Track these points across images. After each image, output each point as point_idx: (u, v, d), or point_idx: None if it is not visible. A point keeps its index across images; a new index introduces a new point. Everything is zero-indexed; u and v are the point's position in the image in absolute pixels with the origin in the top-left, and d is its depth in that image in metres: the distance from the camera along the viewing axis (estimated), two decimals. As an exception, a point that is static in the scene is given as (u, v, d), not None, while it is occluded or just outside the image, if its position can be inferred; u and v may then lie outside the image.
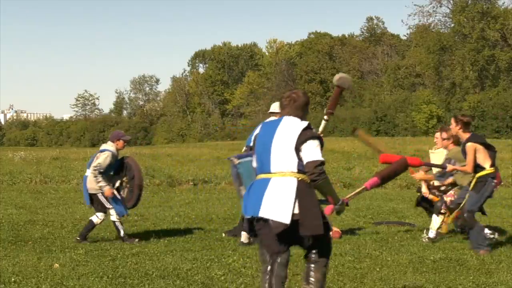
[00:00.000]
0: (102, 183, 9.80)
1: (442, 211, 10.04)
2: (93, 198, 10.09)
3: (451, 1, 71.86)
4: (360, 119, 68.33)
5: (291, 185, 5.32)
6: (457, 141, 10.08)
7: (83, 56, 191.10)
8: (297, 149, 5.37)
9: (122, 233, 10.02)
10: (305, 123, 5.47)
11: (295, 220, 5.33)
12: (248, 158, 6.39)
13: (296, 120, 5.52)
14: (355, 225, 12.15)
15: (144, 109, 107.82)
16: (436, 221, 10.09)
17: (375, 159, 10.32)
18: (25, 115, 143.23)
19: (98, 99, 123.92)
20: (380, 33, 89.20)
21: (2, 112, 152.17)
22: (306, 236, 5.56)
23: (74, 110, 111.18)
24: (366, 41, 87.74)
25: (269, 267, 5.47)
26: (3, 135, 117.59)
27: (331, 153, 34.69)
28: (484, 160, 9.17)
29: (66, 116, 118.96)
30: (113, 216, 10.02)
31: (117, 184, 10.11)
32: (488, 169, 9.15)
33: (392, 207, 15.21)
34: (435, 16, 75.72)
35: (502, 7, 70.19)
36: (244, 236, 9.45)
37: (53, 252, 8.88)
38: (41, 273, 7.36)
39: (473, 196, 9.08)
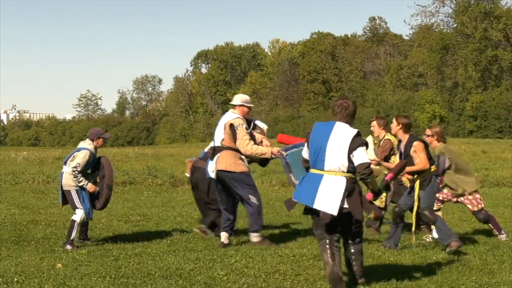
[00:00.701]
0: (83, 182, 9.69)
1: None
2: (66, 196, 9.90)
3: (454, 1, 71.83)
4: (363, 119, 68.24)
5: (341, 183, 6.57)
6: (441, 138, 10.07)
7: (86, 56, 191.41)
8: (349, 153, 6.57)
9: (72, 236, 9.56)
10: (355, 131, 6.66)
11: (344, 212, 6.60)
12: (294, 150, 9.20)
13: (347, 126, 6.71)
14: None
15: (147, 109, 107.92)
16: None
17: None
18: (27, 115, 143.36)
19: (101, 99, 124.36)
20: (382, 33, 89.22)
21: (5, 112, 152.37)
22: (353, 221, 6.79)
23: (77, 110, 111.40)
24: (368, 41, 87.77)
25: (327, 241, 6.69)
26: (5, 135, 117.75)
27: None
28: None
29: (68, 116, 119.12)
30: (76, 216, 9.71)
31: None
32: (432, 167, 9.19)
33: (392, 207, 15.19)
34: (438, 16, 75.71)
35: (505, 7, 70.21)
36: (224, 237, 9.39)
37: (56, 252, 8.88)
38: (44, 273, 7.36)
39: (423, 195, 9.17)
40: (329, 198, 6.52)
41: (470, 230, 11.58)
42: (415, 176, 9.25)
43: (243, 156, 9.42)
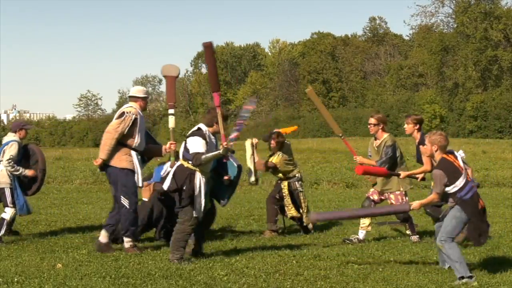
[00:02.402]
0: (21, 170, 10.01)
1: None
2: None
3: (454, 1, 71.81)
4: (363, 119, 68.23)
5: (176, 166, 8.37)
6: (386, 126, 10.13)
7: (86, 56, 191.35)
8: (185, 143, 8.31)
9: (1, 233, 9.83)
10: (196, 127, 8.35)
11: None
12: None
13: (200, 125, 8.46)
14: (356, 225, 12.14)
15: (147, 109, 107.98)
16: (363, 220, 10.18)
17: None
18: (28, 115, 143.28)
19: (101, 99, 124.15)
20: (382, 33, 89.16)
21: (5, 112, 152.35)
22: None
23: (77, 110, 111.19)
24: (368, 41, 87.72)
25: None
26: (5, 135, 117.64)
27: (334, 153, 34.70)
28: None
29: (69, 116, 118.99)
30: (6, 215, 9.96)
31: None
32: None
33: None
34: (438, 16, 75.57)
35: (505, 7, 70.16)
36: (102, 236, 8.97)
37: (56, 252, 8.88)
38: (44, 273, 7.36)
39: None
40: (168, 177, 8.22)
41: (470, 230, 11.57)
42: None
43: (133, 152, 8.94)
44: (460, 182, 7.34)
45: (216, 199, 9.22)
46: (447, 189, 7.35)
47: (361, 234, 10.08)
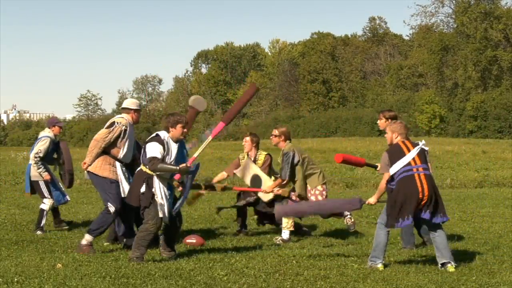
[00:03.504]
0: (42, 169, 10.70)
1: None
2: (34, 186, 10.93)
3: (454, 1, 71.82)
4: (363, 119, 68.35)
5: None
6: (288, 137, 10.15)
7: (86, 56, 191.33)
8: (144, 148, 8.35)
9: (42, 223, 10.75)
10: (154, 134, 8.43)
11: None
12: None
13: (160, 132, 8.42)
14: (357, 225, 12.14)
15: (147, 109, 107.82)
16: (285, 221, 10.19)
17: (378, 159, 10.29)
18: (28, 115, 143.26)
19: (101, 99, 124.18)
20: (382, 33, 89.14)
21: (5, 112, 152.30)
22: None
23: (77, 110, 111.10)
24: (368, 41, 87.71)
25: None
26: (6, 135, 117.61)
27: (334, 153, 34.65)
28: None
29: (68, 116, 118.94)
30: (45, 205, 10.84)
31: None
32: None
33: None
34: (438, 16, 75.59)
35: (505, 7, 70.16)
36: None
37: (56, 252, 8.88)
38: (44, 273, 7.36)
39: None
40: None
41: (470, 230, 11.59)
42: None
43: (117, 164, 8.97)
44: (397, 166, 7.72)
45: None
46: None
47: (285, 235, 10.10)
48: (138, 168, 8.35)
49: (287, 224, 10.05)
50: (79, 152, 38.05)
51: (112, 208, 8.81)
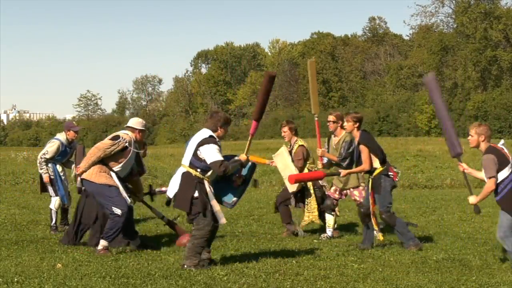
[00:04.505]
0: (43, 170, 10.97)
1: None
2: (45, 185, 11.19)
3: (454, 1, 71.82)
4: (363, 119, 68.27)
5: (182, 174, 7.98)
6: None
7: (86, 56, 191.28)
8: (196, 150, 7.90)
9: (53, 222, 10.99)
10: (208, 133, 7.89)
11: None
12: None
13: (206, 130, 7.98)
14: (358, 224, 12.15)
15: (147, 109, 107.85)
16: (329, 219, 10.33)
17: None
18: (27, 115, 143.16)
19: (101, 99, 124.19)
20: (382, 33, 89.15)
21: (5, 112, 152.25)
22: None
23: (77, 110, 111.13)
24: (368, 41, 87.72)
25: None
26: (6, 135, 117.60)
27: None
28: (374, 159, 9.17)
29: (68, 116, 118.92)
30: (52, 205, 11.05)
31: (73, 168, 10.91)
32: (379, 168, 9.13)
33: (395, 207, 15.20)
34: (438, 16, 75.57)
35: (505, 7, 70.15)
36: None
37: (56, 252, 8.88)
38: (44, 273, 7.36)
39: (378, 197, 9.17)
40: (172, 184, 7.97)
41: (470, 230, 11.60)
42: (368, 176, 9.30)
43: (112, 173, 8.89)
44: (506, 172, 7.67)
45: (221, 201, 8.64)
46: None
47: (329, 232, 10.31)
48: (184, 171, 7.90)
49: (332, 223, 10.25)
50: (79, 152, 38.00)
51: (118, 211, 8.74)
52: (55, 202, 11.06)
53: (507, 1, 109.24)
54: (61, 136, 11.16)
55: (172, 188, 7.98)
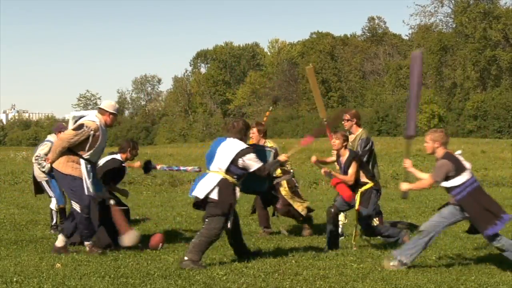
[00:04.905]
0: (47, 166, 10.71)
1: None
2: (39, 186, 11.25)
3: (453, 1, 71.83)
4: (362, 119, 68.08)
5: (216, 178, 8.14)
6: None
7: (85, 56, 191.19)
8: (235, 159, 8.13)
9: (54, 222, 11.09)
10: (244, 146, 8.21)
11: (209, 202, 8.12)
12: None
13: (237, 141, 8.25)
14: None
15: (146, 109, 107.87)
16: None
17: (377, 159, 10.33)
18: (27, 115, 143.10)
19: (100, 99, 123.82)
20: (381, 33, 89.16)
21: (4, 112, 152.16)
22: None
23: (76, 110, 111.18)
24: (368, 41, 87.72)
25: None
26: (5, 135, 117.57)
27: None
28: (362, 175, 9.19)
29: (68, 116, 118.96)
30: (52, 205, 11.14)
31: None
32: (369, 183, 9.20)
33: (394, 207, 15.22)
34: (437, 16, 75.62)
35: (504, 7, 70.18)
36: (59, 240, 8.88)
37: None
38: (43, 273, 7.36)
39: (364, 211, 9.17)
40: (202, 186, 8.08)
41: (469, 230, 11.57)
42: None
43: (82, 160, 8.68)
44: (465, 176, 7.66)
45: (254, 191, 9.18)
46: (446, 183, 7.66)
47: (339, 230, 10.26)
48: (221, 178, 8.05)
49: (342, 219, 10.26)
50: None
51: (77, 207, 8.61)
52: (54, 202, 11.10)
53: (506, 1, 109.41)
54: (53, 138, 11.08)
55: (202, 191, 8.07)
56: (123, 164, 9.96)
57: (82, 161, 8.70)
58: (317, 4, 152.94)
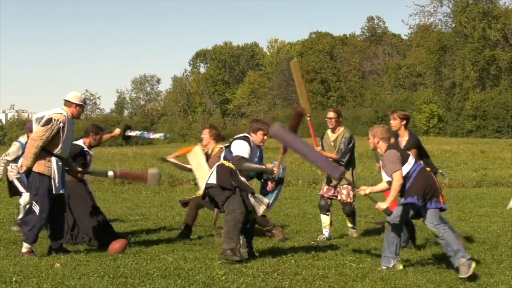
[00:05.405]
0: (2, 168, 11.25)
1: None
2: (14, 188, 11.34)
3: (452, 1, 71.86)
4: (361, 119, 68.34)
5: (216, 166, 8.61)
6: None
7: (84, 55, 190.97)
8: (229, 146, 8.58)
9: (19, 217, 11.05)
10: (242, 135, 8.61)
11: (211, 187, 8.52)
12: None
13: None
14: (356, 224, 12.15)
15: (145, 108, 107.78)
16: (324, 219, 10.34)
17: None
18: (26, 114, 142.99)
19: (99, 99, 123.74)
20: (381, 32, 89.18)
21: (3, 111, 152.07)
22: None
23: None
24: (367, 41, 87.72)
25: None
26: (4, 135, 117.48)
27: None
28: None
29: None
30: (22, 199, 11.13)
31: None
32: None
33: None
34: (436, 16, 75.78)
35: (503, 6, 70.20)
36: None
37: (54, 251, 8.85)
38: (42, 272, 7.35)
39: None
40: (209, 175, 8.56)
41: (469, 229, 11.60)
42: None
43: (53, 158, 8.46)
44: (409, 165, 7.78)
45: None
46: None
47: (326, 233, 10.35)
48: (219, 163, 8.48)
49: (327, 223, 10.33)
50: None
51: (36, 209, 8.37)
52: (25, 198, 10.84)
53: (506, 1, 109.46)
54: (23, 139, 11.25)
55: (210, 178, 8.45)
56: (85, 150, 9.93)
57: (53, 159, 8.48)
58: (316, 4, 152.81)
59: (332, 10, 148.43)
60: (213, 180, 8.35)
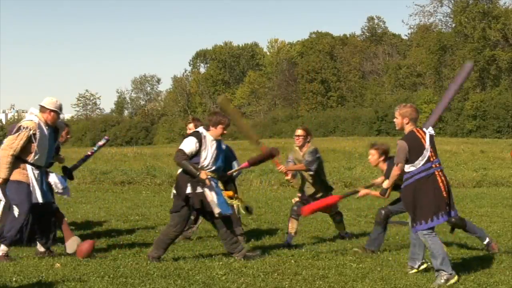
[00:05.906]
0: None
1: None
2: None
3: (452, 1, 71.85)
4: (361, 119, 68.33)
5: None
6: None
7: (84, 55, 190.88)
8: None
9: None
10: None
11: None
12: None
13: None
14: (356, 224, 12.17)
15: (145, 109, 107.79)
16: (291, 224, 9.85)
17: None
18: (26, 114, 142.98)
19: (99, 99, 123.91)
20: (381, 32, 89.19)
21: (4, 111, 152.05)
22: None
23: (75, 110, 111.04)
24: (367, 41, 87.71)
25: None
26: (4, 135, 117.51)
27: (333, 153, 34.69)
28: None
29: (67, 116, 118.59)
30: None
31: None
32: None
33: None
34: (436, 16, 75.77)
35: (503, 7, 70.18)
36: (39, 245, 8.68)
37: (54, 251, 8.86)
38: (42, 272, 7.35)
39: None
40: None
41: (469, 229, 11.57)
42: None
43: (28, 166, 8.26)
44: (418, 163, 7.34)
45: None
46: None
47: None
48: (180, 170, 8.43)
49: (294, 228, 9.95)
50: (77, 151, 38.07)
51: (16, 212, 8.22)
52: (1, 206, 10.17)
53: (506, 1, 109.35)
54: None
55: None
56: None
57: (29, 167, 8.28)
58: (317, 4, 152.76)
59: (332, 10, 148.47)
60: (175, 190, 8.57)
